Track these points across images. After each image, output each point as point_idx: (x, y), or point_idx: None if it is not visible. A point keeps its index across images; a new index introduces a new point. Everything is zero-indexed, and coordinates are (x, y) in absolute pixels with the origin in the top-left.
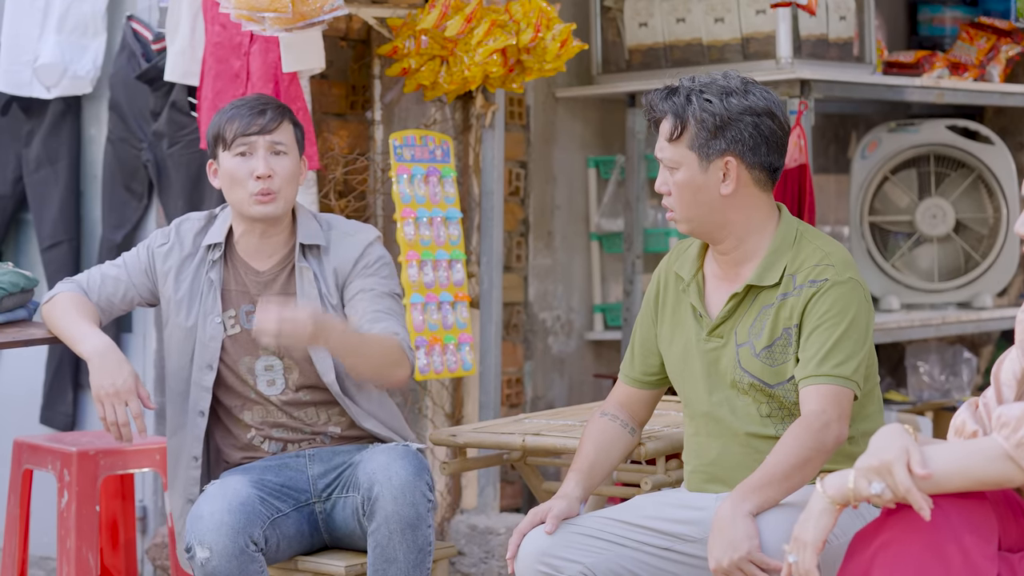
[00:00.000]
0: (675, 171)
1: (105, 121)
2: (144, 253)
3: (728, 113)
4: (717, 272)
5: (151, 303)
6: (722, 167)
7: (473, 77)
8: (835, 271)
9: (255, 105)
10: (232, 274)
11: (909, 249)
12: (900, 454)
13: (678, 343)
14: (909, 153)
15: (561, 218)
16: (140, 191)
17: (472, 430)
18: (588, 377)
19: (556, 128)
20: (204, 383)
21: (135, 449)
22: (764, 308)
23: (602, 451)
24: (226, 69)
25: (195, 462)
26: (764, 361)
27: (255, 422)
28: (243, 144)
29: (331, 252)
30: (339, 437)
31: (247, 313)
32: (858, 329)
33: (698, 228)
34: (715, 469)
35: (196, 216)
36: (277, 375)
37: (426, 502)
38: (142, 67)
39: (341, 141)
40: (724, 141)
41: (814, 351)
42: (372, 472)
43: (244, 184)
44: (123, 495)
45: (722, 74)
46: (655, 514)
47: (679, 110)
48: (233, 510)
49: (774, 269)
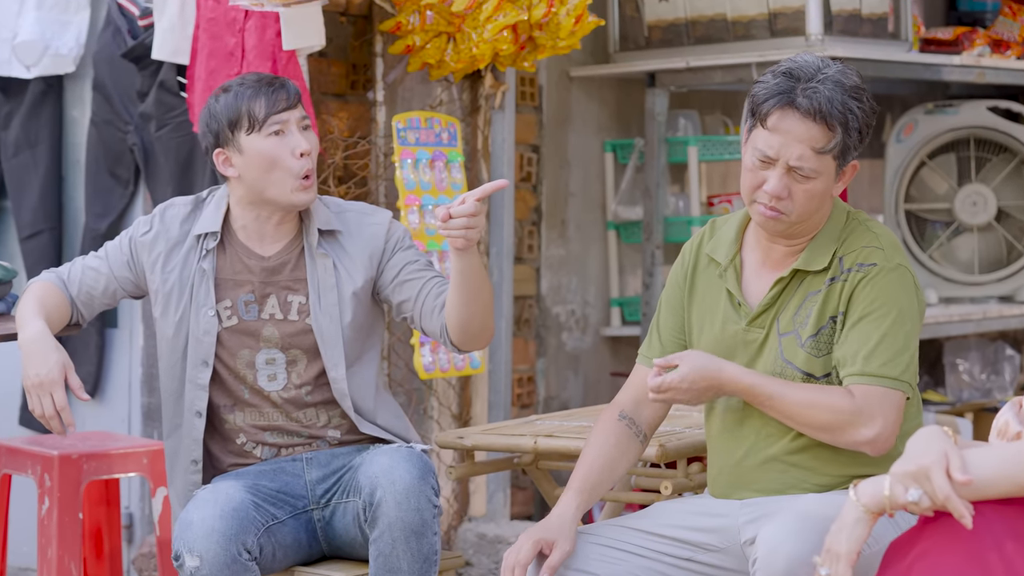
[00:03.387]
0: (810, 180)
1: (88, 102)
2: (126, 244)
3: (869, 120)
4: (758, 257)
5: (136, 295)
6: (849, 170)
7: (482, 55)
8: (883, 255)
9: (269, 81)
10: (229, 262)
11: (948, 239)
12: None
13: (709, 332)
14: (947, 136)
15: (576, 206)
16: (126, 177)
17: (481, 432)
18: (605, 375)
19: (571, 110)
20: (200, 381)
21: (121, 453)
22: (810, 295)
23: (606, 467)
24: (220, 47)
25: (194, 466)
26: (810, 351)
27: (246, 425)
28: (277, 123)
29: (355, 236)
30: (338, 442)
31: (246, 303)
32: (907, 322)
33: (799, 227)
34: (741, 475)
35: (181, 201)
36: (279, 369)
37: (431, 507)
38: (128, 44)
39: (341, 123)
40: (862, 145)
41: (857, 346)
42: (374, 476)
43: (286, 166)
44: (108, 501)
45: (836, 65)
46: (676, 522)
47: (838, 117)
48: (225, 516)
49: (823, 253)
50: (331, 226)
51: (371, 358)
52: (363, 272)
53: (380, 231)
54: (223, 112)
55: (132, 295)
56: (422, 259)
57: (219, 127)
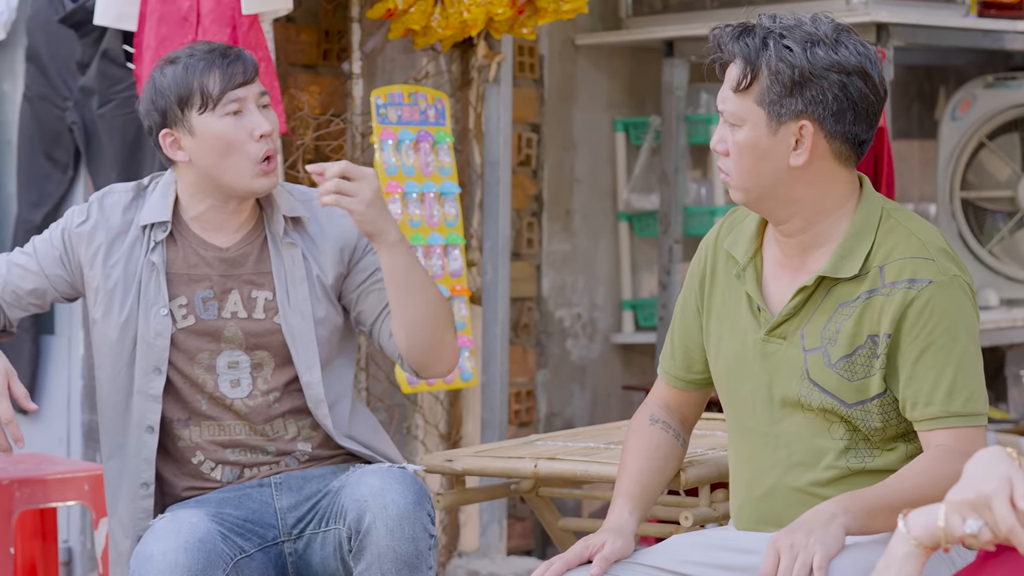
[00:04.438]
0: (737, 128)
1: (21, 75)
2: (58, 237)
3: (811, 67)
4: (779, 257)
5: (70, 297)
6: (795, 132)
7: (474, 20)
8: (936, 267)
9: (223, 52)
10: (182, 254)
11: (1010, 232)
12: (1002, 484)
13: (728, 342)
14: (1010, 114)
15: (582, 194)
16: (64, 160)
17: (473, 454)
18: (616, 389)
19: (576, 83)
20: (151, 391)
21: (58, 477)
22: (841, 306)
23: (655, 469)
24: (172, 11)
25: (145, 489)
26: (841, 374)
27: (203, 441)
28: (233, 100)
29: (324, 226)
30: (308, 458)
31: (204, 300)
32: (974, 342)
33: (756, 201)
34: (767, 507)
35: (121, 188)
36: (243, 374)
37: (428, 537)
38: (66, 8)
39: (312, 99)
40: (802, 100)
41: (932, 382)
42: (362, 499)
43: (244, 149)
44: (43, 534)
45: (811, 18)
46: (696, 559)
47: (751, 54)
48: (190, 548)
49: (853, 258)
50: (297, 213)
51: (345, 364)
52: (333, 267)
53: (352, 224)
54: (171, 87)
55: (66, 296)
56: None
57: (166, 104)
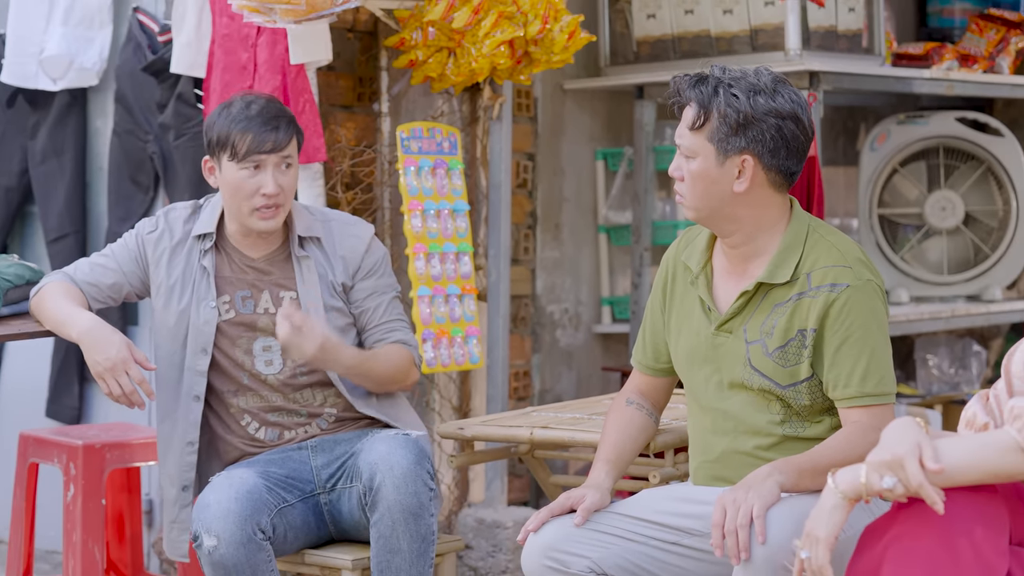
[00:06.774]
0: (691, 160)
1: (111, 113)
2: (133, 241)
3: (753, 112)
4: (726, 265)
5: (140, 294)
6: (738, 164)
7: (480, 69)
8: (852, 273)
9: (268, 119)
10: (226, 261)
11: (918, 242)
12: (912, 448)
13: (686, 335)
14: (918, 145)
15: (569, 210)
16: (146, 183)
17: (480, 423)
18: (596, 370)
19: (564, 120)
20: (199, 368)
21: (141, 442)
22: (776, 306)
23: (628, 439)
24: (234, 61)
25: (191, 447)
26: (777, 361)
27: (249, 407)
28: (254, 160)
29: (336, 242)
30: (336, 419)
31: (243, 298)
32: (884, 334)
33: (705, 219)
34: (719, 468)
35: (182, 205)
36: (275, 355)
37: (428, 490)
38: (148, 59)
39: (348, 133)
40: (744, 139)
41: (849, 367)
42: (373, 462)
43: (249, 198)
44: (129, 488)
45: (754, 70)
46: (662, 508)
47: (705, 100)
48: (240, 498)
49: (785, 266)
50: (312, 232)
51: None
52: (341, 275)
53: (359, 244)
54: (216, 130)
55: (136, 293)
56: (391, 293)
57: (211, 140)
